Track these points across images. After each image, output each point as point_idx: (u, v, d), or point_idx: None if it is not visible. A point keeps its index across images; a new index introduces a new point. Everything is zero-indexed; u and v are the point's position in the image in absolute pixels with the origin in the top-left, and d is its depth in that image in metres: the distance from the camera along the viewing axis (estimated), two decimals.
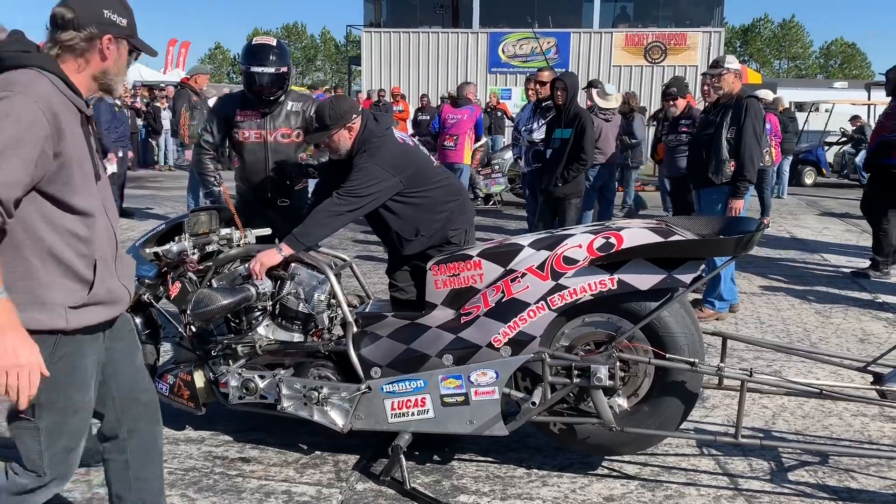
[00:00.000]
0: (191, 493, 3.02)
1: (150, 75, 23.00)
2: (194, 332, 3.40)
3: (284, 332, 3.37)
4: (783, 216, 10.65)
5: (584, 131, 5.74)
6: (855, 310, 5.94)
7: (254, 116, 4.10)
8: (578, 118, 5.80)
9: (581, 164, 5.79)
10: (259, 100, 4.06)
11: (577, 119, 5.80)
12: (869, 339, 5.18)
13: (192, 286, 3.41)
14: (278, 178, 4.15)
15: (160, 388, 3.50)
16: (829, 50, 66.35)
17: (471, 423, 3.08)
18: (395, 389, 3.13)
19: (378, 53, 20.40)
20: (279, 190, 4.18)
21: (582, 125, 5.75)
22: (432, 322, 3.15)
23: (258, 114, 4.10)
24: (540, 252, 3.04)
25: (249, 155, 4.13)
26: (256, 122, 4.08)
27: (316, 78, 65.18)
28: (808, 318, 5.67)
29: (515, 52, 19.50)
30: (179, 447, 3.43)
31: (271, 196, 4.18)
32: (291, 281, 3.34)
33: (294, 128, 4.15)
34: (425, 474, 3.20)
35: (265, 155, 4.11)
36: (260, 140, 4.10)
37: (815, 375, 4.32)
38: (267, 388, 3.29)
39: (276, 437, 3.51)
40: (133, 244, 3.64)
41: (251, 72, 3.99)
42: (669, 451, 3.43)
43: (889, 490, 3.11)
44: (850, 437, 3.62)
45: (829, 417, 3.83)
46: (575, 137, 5.75)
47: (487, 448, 3.41)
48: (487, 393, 3.04)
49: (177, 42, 27.57)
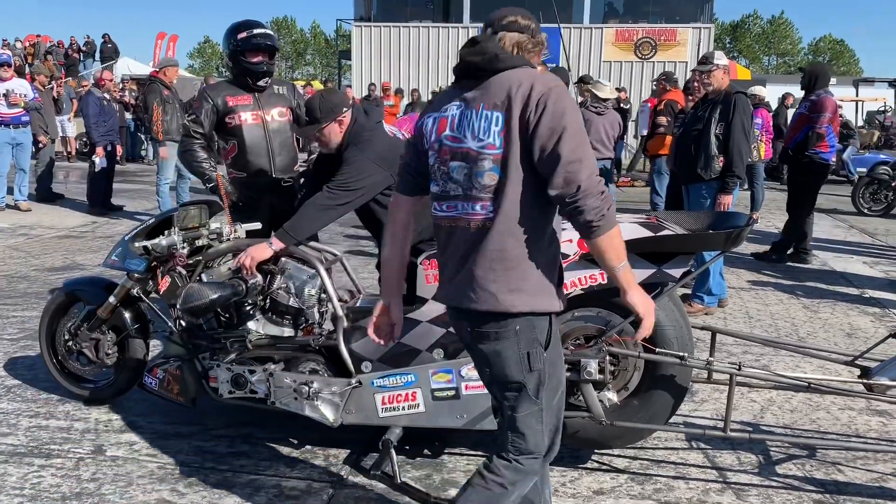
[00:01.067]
0: (181, 488, 3.01)
1: (138, 69, 22.82)
2: (184, 326, 3.39)
3: (275, 326, 3.37)
4: (772, 212, 10.71)
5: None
6: (842, 305, 5.99)
7: (247, 100, 4.08)
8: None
9: None
10: (254, 76, 4.04)
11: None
12: (856, 333, 5.22)
13: (181, 280, 3.40)
14: (282, 158, 4.13)
15: (150, 382, 3.49)
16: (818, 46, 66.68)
17: (461, 418, 3.09)
18: (386, 384, 3.13)
19: (368, 48, 20.36)
20: (283, 170, 4.15)
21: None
22: (423, 316, 3.14)
23: (250, 97, 4.09)
24: None
25: (250, 138, 4.07)
26: (251, 104, 4.06)
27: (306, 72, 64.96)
28: (797, 313, 5.70)
29: None
30: (169, 442, 3.42)
31: (275, 177, 4.14)
32: (281, 275, 3.34)
33: (286, 105, 4.17)
34: (416, 468, 3.21)
35: (265, 135, 4.09)
36: (258, 121, 4.08)
37: (802, 369, 4.35)
38: (257, 383, 3.28)
39: (266, 432, 3.51)
40: (122, 238, 3.63)
41: (254, 35, 4.00)
42: (659, 445, 3.45)
43: (875, 483, 3.14)
44: (838, 431, 3.65)
45: (816, 411, 3.86)
46: None
47: (478, 442, 3.42)
48: (478, 387, 3.04)
49: (165, 36, 27.35)
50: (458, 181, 2.03)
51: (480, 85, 2.01)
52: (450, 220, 2.07)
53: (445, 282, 2.14)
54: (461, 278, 2.05)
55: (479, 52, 2.02)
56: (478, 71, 2.02)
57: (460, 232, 2.05)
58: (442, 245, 2.14)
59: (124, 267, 3.56)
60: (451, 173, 2.04)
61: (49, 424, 3.57)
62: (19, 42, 23.80)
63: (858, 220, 10.61)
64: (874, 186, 11.15)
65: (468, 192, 2.01)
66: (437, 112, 2.09)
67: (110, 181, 9.89)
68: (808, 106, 7.20)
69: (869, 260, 7.85)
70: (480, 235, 2.01)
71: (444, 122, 2.06)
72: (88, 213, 9.59)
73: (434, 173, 2.10)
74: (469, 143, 1.99)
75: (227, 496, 2.96)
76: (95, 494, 2.95)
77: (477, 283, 2.01)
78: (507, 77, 1.98)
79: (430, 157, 2.11)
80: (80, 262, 6.96)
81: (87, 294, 3.76)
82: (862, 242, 8.94)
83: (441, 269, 2.17)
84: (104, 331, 3.67)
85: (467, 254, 2.04)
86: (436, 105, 2.14)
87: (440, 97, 2.15)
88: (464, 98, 2.03)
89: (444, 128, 2.05)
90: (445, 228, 2.10)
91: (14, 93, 9.26)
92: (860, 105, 17.75)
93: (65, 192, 10.98)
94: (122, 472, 3.13)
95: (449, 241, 2.10)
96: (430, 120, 2.11)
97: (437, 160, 2.08)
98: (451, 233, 2.08)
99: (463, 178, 2.01)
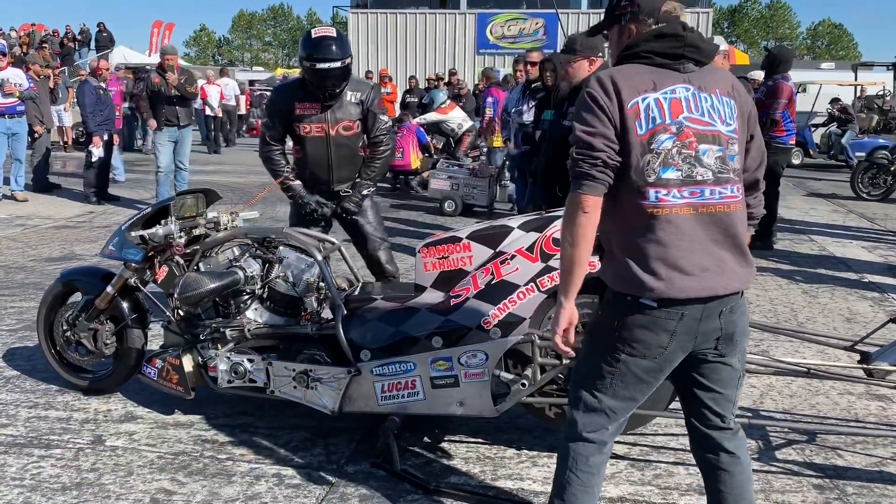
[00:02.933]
0: (181, 478, 3.01)
1: (133, 58, 22.69)
2: (182, 315, 3.38)
3: (273, 315, 3.36)
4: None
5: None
6: (841, 289, 5.99)
7: (314, 109, 3.99)
8: (567, 100, 5.77)
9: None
10: (323, 94, 3.94)
11: (566, 101, 5.76)
12: (855, 318, 5.22)
13: (179, 270, 3.38)
14: (341, 171, 4.11)
15: (148, 372, 3.48)
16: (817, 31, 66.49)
17: (461, 405, 3.08)
18: (385, 372, 3.13)
19: (365, 35, 20.25)
20: (342, 181, 4.14)
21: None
22: (422, 304, 3.14)
23: (318, 106, 3.99)
24: (529, 234, 3.03)
25: (312, 149, 4.05)
26: (317, 115, 4.00)
27: None
28: (795, 298, 5.70)
29: (503, 33, 19.41)
30: (169, 431, 3.41)
31: (335, 189, 4.15)
32: (280, 264, 3.32)
33: (355, 118, 4.07)
34: (416, 456, 3.21)
35: (327, 150, 4.04)
36: (322, 134, 4.02)
37: (801, 355, 4.35)
38: (256, 372, 3.28)
39: (265, 421, 3.51)
40: (119, 228, 3.61)
41: (318, 69, 3.83)
42: (658, 431, 3.45)
43: (875, 467, 3.14)
44: (837, 416, 3.65)
45: (816, 396, 3.87)
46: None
47: (478, 429, 3.42)
48: (477, 375, 3.04)
49: (161, 24, 27.22)
50: (707, 165, 1.99)
51: (700, 70, 2.04)
52: (694, 206, 1.98)
53: (696, 272, 1.97)
54: (717, 264, 1.99)
55: (703, 39, 2.07)
56: (704, 58, 2.05)
57: (708, 217, 1.99)
58: (677, 234, 1.97)
59: (121, 257, 3.54)
60: (700, 156, 1.98)
61: (48, 415, 3.57)
62: (14, 31, 23.63)
63: (857, 204, 10.60)
64: (873, 171, 11.12)
65: (719, 176, 1.99)
66: (656, 93, 1.98)
67: (107, 172, 9.85)
68: (763, 91, 7.20)
69: (868, 245, 7.84)
70: (734, 219, 2.02)
71: (677, 103, 1.99)
72: (85, 202, 9.56)
73: (668, 157, 1.97)
74: (719, 127, 2.01)
75: (227, 485, 2.96)
76: (95, 484, 2.95)
77: (737, 264, 2.03)
78: (715, 67, 2.10)
79: (662, 140, 1.97)
80: (77, 252, 6.95)
81: (84, 284, 3.75)
82: (861, 227, 8.93)
83: (676, 260, 1.97)
84: (102, 321, 3.66)
85: (719, 238, 2.00)
86: (641, 85, 1.99)
87: (638, 77, 2.01)
88: (690, 81, 2.02)
89: (681, 109, 1.99)
90: (686, 216, 1.98)
91: (9, 82, 9.21)
92: (859, 89, 17.68)
93: (61, 183, 10.94)
94: (121, 462, 3.12)
95: (694, 229, 1.98)
96: (650, 101, 1.98)
97: (675, 143, 1.98)
98: (696, 219, 1.99)
99: (714, 162, 1.99)
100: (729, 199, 2.02)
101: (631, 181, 1.98)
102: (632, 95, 1.97)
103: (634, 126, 1.96)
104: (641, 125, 1.97)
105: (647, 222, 1.99)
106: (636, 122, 1.96)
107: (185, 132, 8.83)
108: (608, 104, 1.98)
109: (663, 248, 1.97)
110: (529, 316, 3.00)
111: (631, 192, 1.99)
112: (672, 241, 1.97)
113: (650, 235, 1.98)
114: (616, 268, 2.06)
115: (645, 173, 1.97)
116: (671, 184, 1.97)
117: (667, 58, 2.02)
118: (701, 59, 2.04)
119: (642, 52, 2.03)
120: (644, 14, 2.08)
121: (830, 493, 2.93)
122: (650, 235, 1.98)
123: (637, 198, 1.99)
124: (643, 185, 1.97)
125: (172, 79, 8.53)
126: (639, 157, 1.97)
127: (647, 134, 1.97)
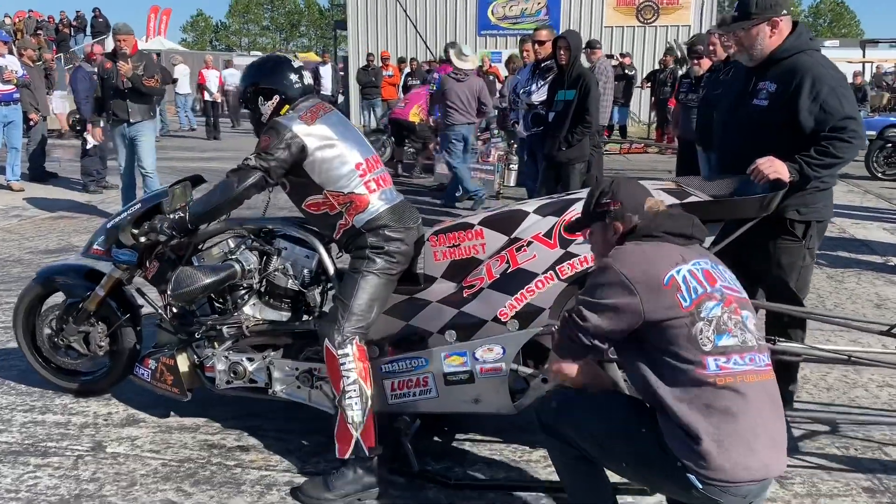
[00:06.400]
0: (187, 487, 2.82)
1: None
2: (175, 313, 3.16)
3: (273, 311, 3.13)
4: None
5: (588, 92, 5.49)
6: (868, 273, 5.77)
7: None
8: (583, 78, 5.55)
9: (585, 127, 5.54)
10: None
11: (581, 79, 5.55)
12: (885, 303, 5.02)
13: (171, 265, 3.16)
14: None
15: (141, 373, 3.28)
16: (818, 8, 65.82)
17: (477, 402, 2.87)
18: (395, 369, 2.93)
19: (364, 17, 19.90)
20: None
21: (586, 86, 5.50)
22: (432, 296, 2.92)
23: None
24: (546, 218, 2.80)
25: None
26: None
27: (300, 44, 64.16)
28: (822, 284, 5.48)
29: (505, 13, 19.07)
30: (173, 435, 3.22)
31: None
32: (278, 256, 3.10)
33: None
34: (435, 461, 3.01)
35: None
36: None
37: (833, 343, 4.15)
38: (256, 372, 3.07)
39: (275, 423, 3.31)
40: (103, 225, 3.36)
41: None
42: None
43: None
44: (879, 408, 3.46)
45: (854, 389, 3.67)
46: (579, 99, 5.50)
47: (501, 429, 3.22)
48: (494, 370, 2.82)
49: (158, 10, 26.87)
50: (751, 331, 2.01)
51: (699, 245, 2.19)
52: (753, 373, 1.96)
53: (763, 448, 1.90)
54: (778, 438, 1.96)
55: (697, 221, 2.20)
56: (703, 236, 2.22)
57: (761, 386, 1.97)
58: (741, 406, 1.91)
59: (113, 258, 3.29)
60: (745, 323, 2.01)
61: (45, 419, 3.37)
62: (8, 18, 23.29)
63: (873, 184, 10.36)
64: (888, 150, 10.87)
65: (760, 342, 2.02)
66: (685, 264, 2.02)
67: (103, 159, 9.61)
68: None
69: (889, 226, 7.62)
70: (774, 386, 2.02)
71: (708, 273, 2.03)
72: (83, 191, 9.34)
73: (721, 324, 1.97)
74: (745, 295, 2.08)
75: (237, 495, 2.77)
76: (96, 496, 2.76)
77: (784, 439, 1.99)
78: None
79: (710, 308, 1.97)
80: (75, 244, 6.72)
81: (67, 286, 3.49)
82: (878, 208, 8.71)
83: (744, 437, 1.90)
84: (93, 322, 3.41)
85: (772, 408, 1.98)
86: (671, 258, 2.03)
87: (667, 250, 2.07)
88: (703, 255, 2.12)
89: (714, 279, 2.02)
90: (749, 385, 1.94)
91: (8, 69, 8.96)
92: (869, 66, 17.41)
93: (58, 171, 10.70)
94: (123, 471, 2.93)
95: (756, 398, 1.94)
96: (684, 273, 2.00)
97: (724, 310, 1.98)
98: (757, 388, 1.95)
99: (754, 328, 2.03)
100: (769, 366, 2.03)
101: (682, 354, 1.94)
102: (667, 269, 2.00)
103: (677, 299, 1.96)
104: (685, 297, 1.96)
105: (709, 392, 1.93)
106: (678, 294, 1.96)
107: (139, 130, 7.21)
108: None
109: (732, 418, 1.91)
110: (549, 306, 2.76)
111: (685, 363, 1.94)
112: (735, 415, 1.91)
113: (713, 406, 1.92)
114: (672, 429, 1.96)
115: (700, 342, 1.93)
116: (727, 351, 1.95)
117: (682, 237, 2.10)
118: (700, 238, 2.15)
119: (660, 232, 2.10)
120: (629, 211, 2.14)
121: (882, 497, 2.74)
122: (713, 406, 1.92)
123: (696, 368, 1.93)
124: (699, 354, 1.93)
125: (125, 69, 6.85)
126: (689, 327, 1.94)
127: (693, 304, 1.96)
